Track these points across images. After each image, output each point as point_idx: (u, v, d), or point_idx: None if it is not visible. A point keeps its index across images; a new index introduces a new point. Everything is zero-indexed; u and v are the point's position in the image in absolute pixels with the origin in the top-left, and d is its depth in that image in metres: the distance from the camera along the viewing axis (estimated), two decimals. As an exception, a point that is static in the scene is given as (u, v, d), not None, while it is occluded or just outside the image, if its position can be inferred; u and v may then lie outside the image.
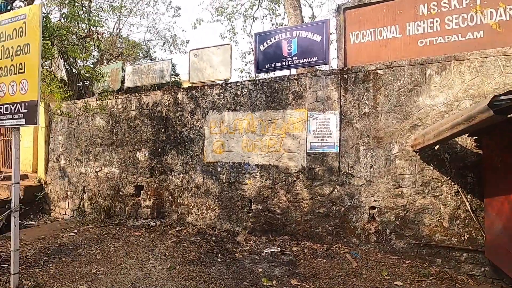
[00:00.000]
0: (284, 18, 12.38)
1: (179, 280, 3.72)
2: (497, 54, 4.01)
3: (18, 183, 3.59)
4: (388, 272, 3.91)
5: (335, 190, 4.86)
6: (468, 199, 4.03)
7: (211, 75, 6.25)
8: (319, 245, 4.81)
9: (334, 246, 4.71)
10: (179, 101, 6.41)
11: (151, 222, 6.19)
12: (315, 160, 5.01)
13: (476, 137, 3.96)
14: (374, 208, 4.58)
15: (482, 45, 4.18)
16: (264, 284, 3.64)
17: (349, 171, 4.78)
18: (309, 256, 4.44)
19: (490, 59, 4.04)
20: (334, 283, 3.65)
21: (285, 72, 5.73)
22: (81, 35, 4.69)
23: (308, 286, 3.57)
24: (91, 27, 4.53)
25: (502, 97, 2.08)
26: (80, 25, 4.66)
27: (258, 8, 12.83)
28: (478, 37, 4.23)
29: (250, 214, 5.50)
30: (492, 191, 3.60)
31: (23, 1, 4.04)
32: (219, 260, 4.35)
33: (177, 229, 5.79)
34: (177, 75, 16.31)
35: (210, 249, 4.81)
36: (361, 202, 4.66)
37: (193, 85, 6.52)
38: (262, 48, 5.84)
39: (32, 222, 7.31)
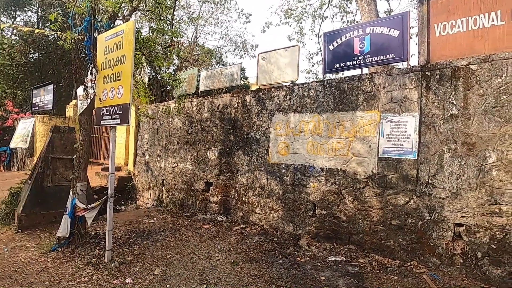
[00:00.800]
0: (356, 15, 11.71)
1: (241, 276, 3.85)
2: None
3: (114, 173, 4.24)
4: (479, 303, 3.32)
5: (412, 201, 4.35)
6: None
7: (278, 77, 6.31)
8: (390, 260, 4.37)
9: (409, 264, 4.22)
10: (247, 103, 6.65)
11: (218, 217, 6.56)
12: (388, 167, 4.58)
13: None
14: (461, 225, 3.95)
15: None
16: (327, 293, 3.49)
17: (430, 181, 4.22)
18: (377, 271, 4.08)
19: None
20: (407, 305, 3.27)
21: (356, 72, 5.41)
22: (164, 45, 5.28)
23: (376, 303, 3.28)
24: (174, 38, 5.06)
25: None
26: (164, 36, 5.26)
27: (328, 6, 12.44)
28: None
29: (314, 219, 5.35)
30: None
31: (121, 19, 4.76)
32: (280, 261, 4.34)
33: (241, 226, 6.01)
34: (246, 78, 17.03)
35: (272, 249, 4.84)
36: (444, 217, 4.07)
37: (260, 87, 6.69)
38: (331, 47, 5.62)
39: (123, 208, 8.54)
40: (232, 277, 3.80)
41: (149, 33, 5.54)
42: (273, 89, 6.27)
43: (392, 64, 5.62)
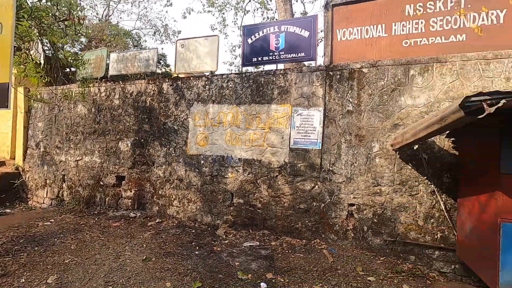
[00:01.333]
0: (275, 12, 12.28)
1: (153, 271, 3.68)
2: (477, 58, 4.08)
3: (-13, 168, 3.44)
4: (362, 267, 3.98)
5: (316, 186, 4.89)
6: (443, 199, 4.12)
7: (198, 66, 6.15)
8: (298, 240, 4.84)
9: (313, 242, 4.75)
10: (164, 92, 6.29)
11: (131, 213, 6.09)
12: (298, 156, 5.02)
13: (454, 139, 4.04)
14: (353, 205, 4.64)
15: (463, 48, 4.24)
16: (240, 277, 3.64)
17: (331, 168, 4.81)
18: (287, 251, 4.47)
19: (470, 63, 4.11)
20: (309, 277, 3.68)
21: (272, 67, 5.71)
22: (60, 18, 4.51)
23: (283, 280, 3.59)
24: (71, 10, 4.36)
25: (473, 98, 2.11)
26: (59, 7, 4.48)
27: (249, 1, 12.68)
28: (461, 40, 4.29)
29: (231, 208, 5.49)
30: (464, 192, 3.69)
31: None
32: (196, 252, 4.33)
33: (157, 221, 5.73)
34: (167, 66, 16.01)
35: (189, 241, 4.78)
36: (341, 199, 4.71)
37: (179, 76, 6.41)
38: (249, 41, 5.77)
39: (8, 210, 7.09)
40: (143, 274, 3.60)
41: (39, 1, 4.63)
42: (192, 78, 6.08)
43: (304, 63, 6.13)
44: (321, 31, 8.01)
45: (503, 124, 2.74)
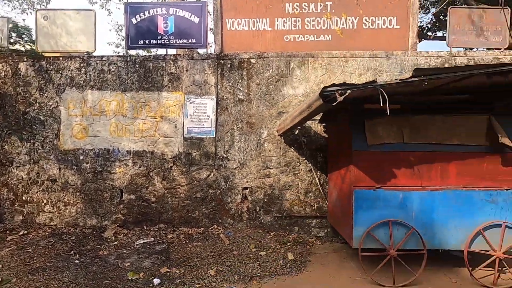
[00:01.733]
0: (168, -6, 11.49)
1: (13, 295, 3.01)
2: (340, 56, 4.88)
3: None
4: (255, 244, 4.31)
5: (212, 174, 4.95)
6: (318, 175, 4.85)
7: (69, 45, 5.18)
8: (195, 229, 4.83)
9: (210, 228, 4.84)
10: (22, 73, 5.06)
11: (-19, 229, 4.76)
12: (192, 145, 4.95)
13: (324, 124, 4.77)
14: (246, 188, 4.93)
15: (330, 47, 4.99)
16: (130, 278, 3.38)
17: (225, 155, 4.95)
18: (184, 242, 4.41)
19: (335, 59, 4.89)
20: (205, 263, 3.74)
21: (162, 52, 5.35)
22: None
23: (178, 272, 3.53)
24: None
25: (329, 89, 2.53)
26: None
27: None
28: (328, 39, 5.04)
29: (121, 206, 4.99)
30: (331, 168, 4.44)
31: None
32: (76, 261, 3.76)
33: (21, 233, 4.67)
34: (32, 42, 12.93)
35: (67, 250, 4.10)
36: (235, 184, 4.93)
37: (43, 54, 5.26)
38: (134, 21, 5.21)
39: None
40: (-3, 301, 2.89)
41: None
42: (62, 58, 5.09)
43: (198, 49, 5.99)
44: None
45: (353, 111, 3.39)
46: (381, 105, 2.55)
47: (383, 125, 3.35)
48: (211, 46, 5.97)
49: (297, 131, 4.88)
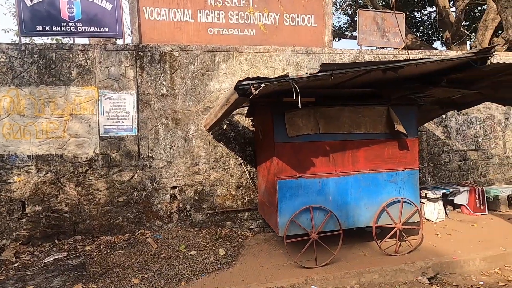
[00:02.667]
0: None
1: None
2: (264, 51, 4.99)
3: None
4: (186, 245, 4.16)
5: (136, 175, 4.59)
6: (248, 169, 4.91)
7: None
8: (119, 236, 4.43)
9: (137, 233, 4.50)
10: None
11: None
12: (111, 145, 4.49)
13: (252, 118, 4.83)
14: (175, 187, 4.71)
15: (254, 42, 5.07)
16: (33, 303, 2.92)
17: (150, 154, 4.63)
18: (105, 252, 4.00)
19: (259, 54, 4.98)
20: (129, 272, 3.46)
21: (67, 41, 4.69)
22: None
23: (95, 286, 3.18)
24: None
25: (244, 82, 2.54)
26: None
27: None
28: (252, 34, 5.09)
29: (24, 220, 4.27)
30: (259, 160, 4.54)
31: None
32: (-41, 294, 3.08)
33: None
34: None
35: None
36: (163, 184, 4.67)
37: None
38: (29, 3, 4.44)
39: None
40: None
41: None
42: None
43: (113, 39, 5.43)
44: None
45: (274, 104, 3.50)
46: (294, 98, 2.66)
47: (302, 117, 3.54)
48: (129, 36, 5.47)
49: (226, 125, 4.85)
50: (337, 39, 12.07)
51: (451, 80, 3.77)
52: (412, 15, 13.79)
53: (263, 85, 2.52)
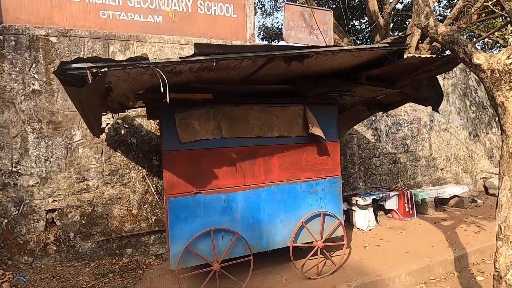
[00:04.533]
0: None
1: None
2: (174, 41, 4.22)
3: None
4: (61, 286, 3.16)
5: (-7, 197, 3.45)
6: (154, 182, 4.07)
7: None
8: (-37, 283, 3.24)
9: (-8, 276, 3.34)
10: None
11: None
12: (-48, 158, 3.30)
13: (158, 120, 4.01)
14: (53, 210, 3.66)
15: (161, 30, 4.28)
16: None
17: (14, 169, 3.52)
18: None
19: (168, 46, 4.19)
20: None
21: None
22: None
23: None
24: None
25: (74, 65, 1.75)
26: None
27: None
28: (158, 21, 4.30)
29: None
30: (166, 170, 3.73)
31: None
32: None
33: None
34: None
35: None
36: (35, 207, 3.58)
37: None
38: None
39: None
40: None
41: None
42: None
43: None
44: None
45: (160, 102, 2.74)
46: (161, 90, 1.94)
47: (199, 118, 2.84)
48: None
49: (124, 130, 3.95)
50: (276, 40, 11.83)
51: (371, 77, 3.42)
52: (352, 23, 14.25)
53: (106, 69, 1.75)
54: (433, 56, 2.92)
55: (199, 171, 2.87)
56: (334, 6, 12.80)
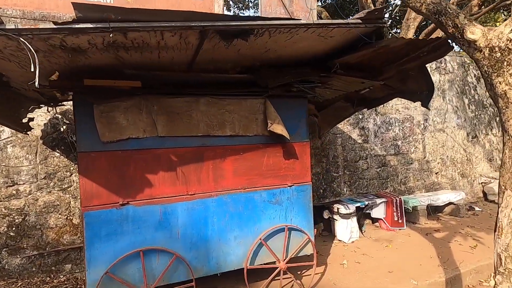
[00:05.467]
0: None
1: None
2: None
3: None
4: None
5: None
6: (100, 187, 3.51)
7: None
8: None
9: None
10: None
11: None
12: None
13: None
14: (-25, 220, 3.12)
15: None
16: None
17: None
18: None
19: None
20: None
21: None
22: None
23: None
24: None
25: None
26: None
27: None
28: (109, 2, 3.75)
29: None
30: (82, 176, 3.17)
31: None
32: None
33: None
34: None
35: None
36: (-49, 216, 3.05)
37: None
38: None
39: None
40: None
41: None
42: None
43: None
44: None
45: (76, 90, 2.20)
46: (32, 70, 1.40)
47: (126, 111, 2.29)
48: None
49: (64, 126, 3.41)
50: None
51: (349, 67, 2.88)
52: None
53: None
54: (421, 39, 2.37)
55: (128, 178, 2.31)
56: (329, 0, 12.26)
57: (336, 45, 2.54)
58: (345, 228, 4.21)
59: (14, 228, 3.22)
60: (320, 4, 5.58)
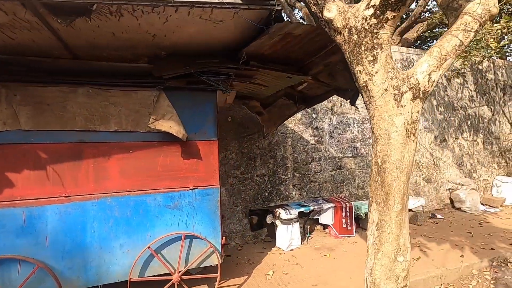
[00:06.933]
0: None
1: None
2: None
3: None
4: None
5: None
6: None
7: None
8: None
9: None
10: None
11: None
12: None
13: None
14: None
15: None
16: None
17: None
18: None
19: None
20: None
21: None
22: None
23: None
24: None
25: None
26: None
27: None
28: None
29: None
30: None
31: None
32: None
33: None
34: None
35: None
36: None
37: None
38: None
39: None
40: None
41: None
42: None
43: None
44: None
45: None
46: None
47: (-19, 101, 2.00)
48: None
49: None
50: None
51: (263, 58, 2.60)
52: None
53: None
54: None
55: (-17, 176, 2.04)
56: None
57: (241, 33, 2.25)
58: (285, 234, 3.93)
59: None
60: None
